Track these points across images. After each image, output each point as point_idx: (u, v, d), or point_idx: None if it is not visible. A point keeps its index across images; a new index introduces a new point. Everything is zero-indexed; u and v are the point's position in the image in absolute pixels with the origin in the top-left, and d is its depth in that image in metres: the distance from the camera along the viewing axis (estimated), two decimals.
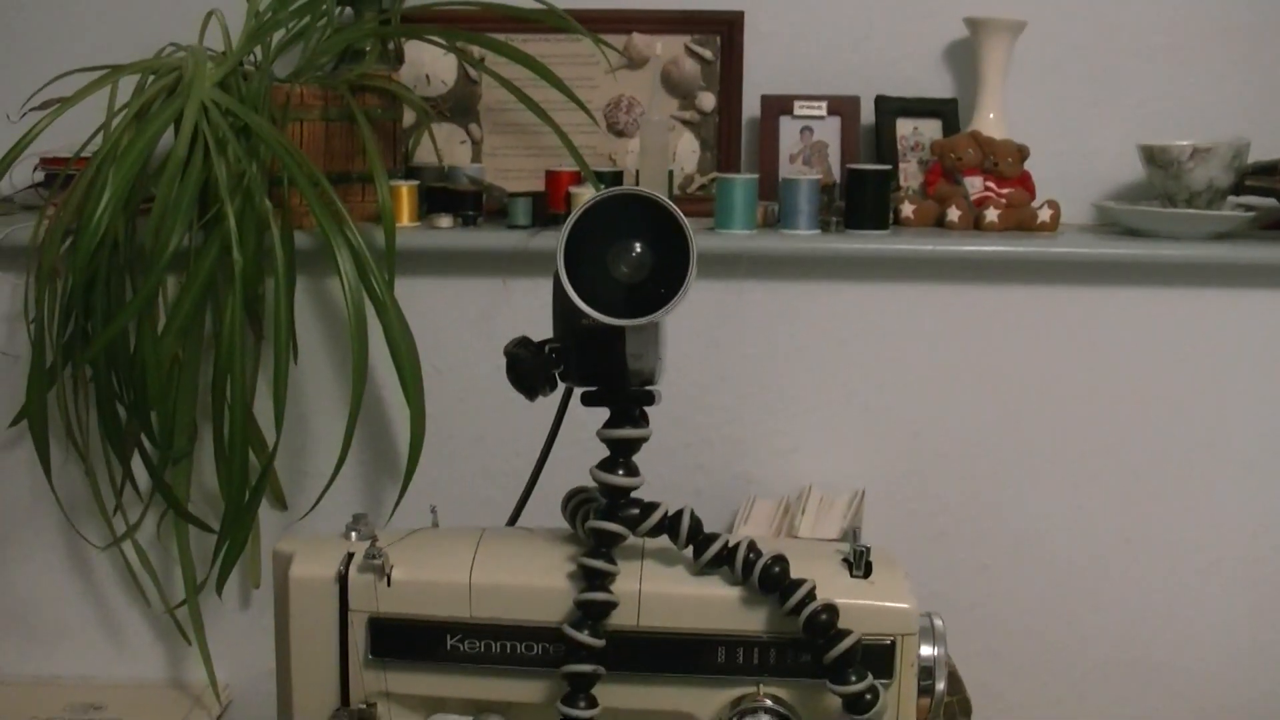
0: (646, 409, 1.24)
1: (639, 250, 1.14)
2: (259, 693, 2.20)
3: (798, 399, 2.12)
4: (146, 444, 1.98)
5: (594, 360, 1.21)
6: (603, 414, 1.23)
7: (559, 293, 1.17)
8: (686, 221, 1.13)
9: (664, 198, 1.14)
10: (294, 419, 2.10)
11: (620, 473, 1.23)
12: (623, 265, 1.15)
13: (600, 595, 1.21)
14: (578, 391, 1.26)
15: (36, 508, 2.18)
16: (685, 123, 2.21)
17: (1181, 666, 2.18)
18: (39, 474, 2.04)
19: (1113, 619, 2.17)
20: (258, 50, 2.04)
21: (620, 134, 2.21)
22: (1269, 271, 2.06)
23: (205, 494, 2.12)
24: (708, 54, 2.19)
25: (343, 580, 1.26)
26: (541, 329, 1.25)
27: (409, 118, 2.20)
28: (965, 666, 1.95)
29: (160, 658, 2.24)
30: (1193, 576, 2.16)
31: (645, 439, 1.23)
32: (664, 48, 2.19)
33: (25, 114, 1.97)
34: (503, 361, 1.23)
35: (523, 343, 1.23)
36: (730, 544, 1.24)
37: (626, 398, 1.22)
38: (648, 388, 1.23)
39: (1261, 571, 2.15)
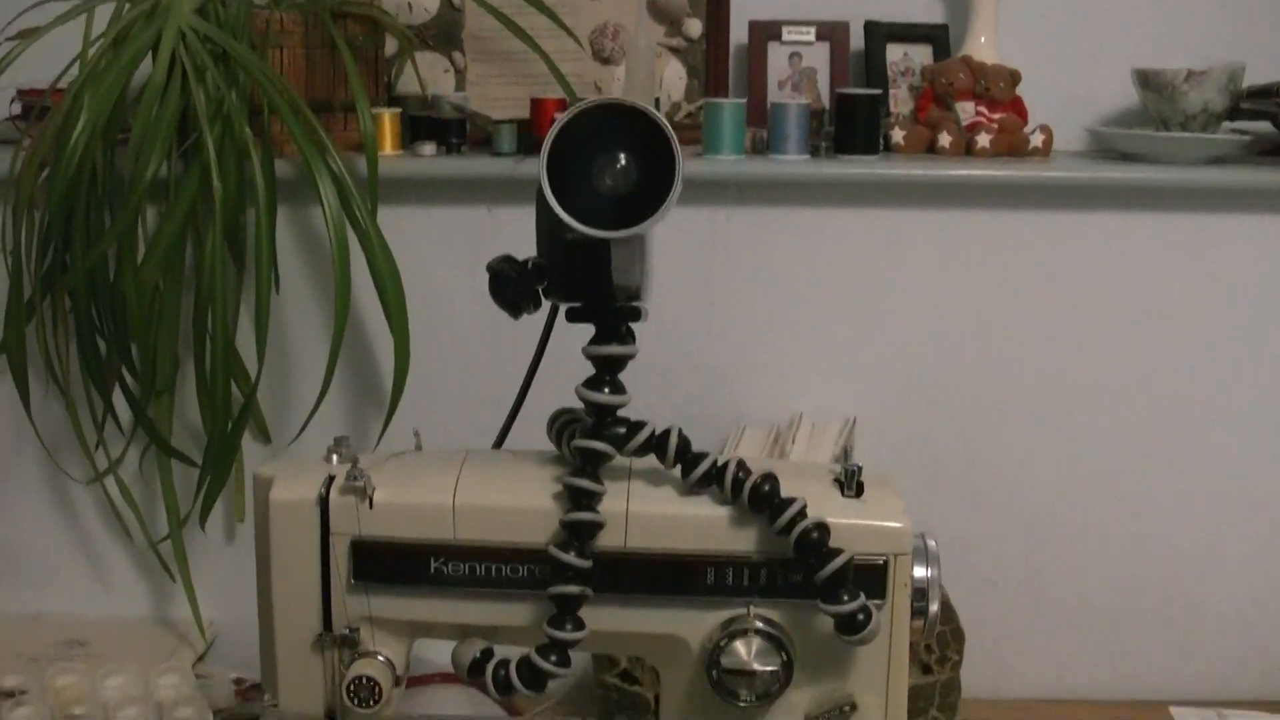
0: (633, 327, 1.22)
1: (623, 162, 1.12)
2: (244, 628, 2.14)
3: (787, 326, 2.10)
4: (128, 377, 1.96)
5: (579, 275, 1.19)
6: (589, 335, 1.21)
7: (542, 207, 1.15)
8: (671, 130, 1.11)
9: (648, 107, 1.11)
10: (277, 350, 2.08)
11: (606, 391, 1.21)
12: (607, 177, 1.13)
13: (586, 515, 1.20)
14: (563, 314, 1.24)
15: (17, 443, 2.16)
16: (672, 49, 2.17)
17: (1176, 596, 2.17)
18: (19, 408, 2.03)
19: (1107, 549, 2.16)
20: None
21: (606, 61, 2.18)
22: (1264, 195, 2.04)
23: (188, 427, 2.10)
24: None
25: (324, 503, 1.24)
26: (528, 256, 1.23)
27: (391, 46, 2.16)
28: (958, 596, 1.94)
29: (145, 594, 2.22)
30: (1188, 506, 2.14)
31: (631, 356, 1.22)
32: None
33: None
34: (488, 292, 1.22)
35: (506, 259, 1.21)
36: (719, 463, 1.22)
37: (612, 314, 1.20)
38: (634, 304, 1.21)
39: (1258, 500, 2.14)
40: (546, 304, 1.24)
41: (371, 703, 1.25)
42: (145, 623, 2.21)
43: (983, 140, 2.07)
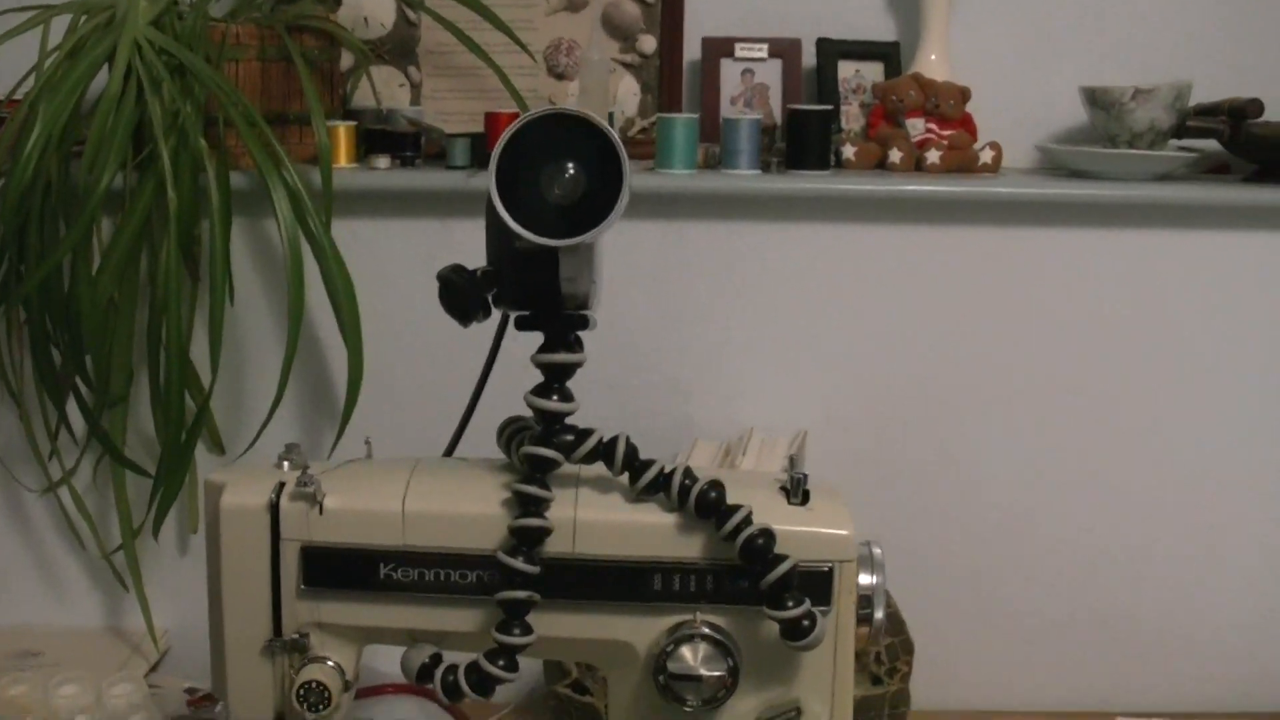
0: (584, 337, 1.24)
1: (572, 171, 1.13)
2: (197, 639, 2.13)
3: (740, 340, 2.11)
4: (82, 387, 1.96)
5: (528, 284, 1.20)
6: (539, 343, 1.23)
7: (492, 216, 1.16)
8: (619, 140, 1.12)
9: (596, 117, 1.13)
10: (231, 362, 2.08)
11: (554, 398, 1.22)
12: (556, 187, 1.13)
13: (534, 521, 1.21)
14: (513, 323, 1.25)
15: None
16: (626, 65, 2.19)
17: (1134, 614, 2.19)
18: None
19: (1062, 565, 2.18)
20: None
21: (560, 77, 2.20)
22: (1210, 212, 2.07)
23: (142, 438, 2.10)
24: None
25: (274, 509, 1.25)
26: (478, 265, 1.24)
27: (347, 60, 2.17)
28: (908, 608, 1.95)
29: (98, 604, 2.22)
30: (1144, 522, 2.16)
31: (580, 364, 1.23)
32: None
33: None
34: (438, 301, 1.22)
35: (455, 268, 1.22)
36: (666, 470, 1.23)
37: (561, 322, 1.21)
38: (583, 312, 1.22)
39: (1213, 515, 2.16)
40: (496, 313, 1.25)
41: (321, 707, 1.26)
42: (98, 633, 2.21)
43: (933, 157, 2.09)
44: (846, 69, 2.21)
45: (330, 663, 1.27)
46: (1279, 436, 2.15)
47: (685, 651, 1.22)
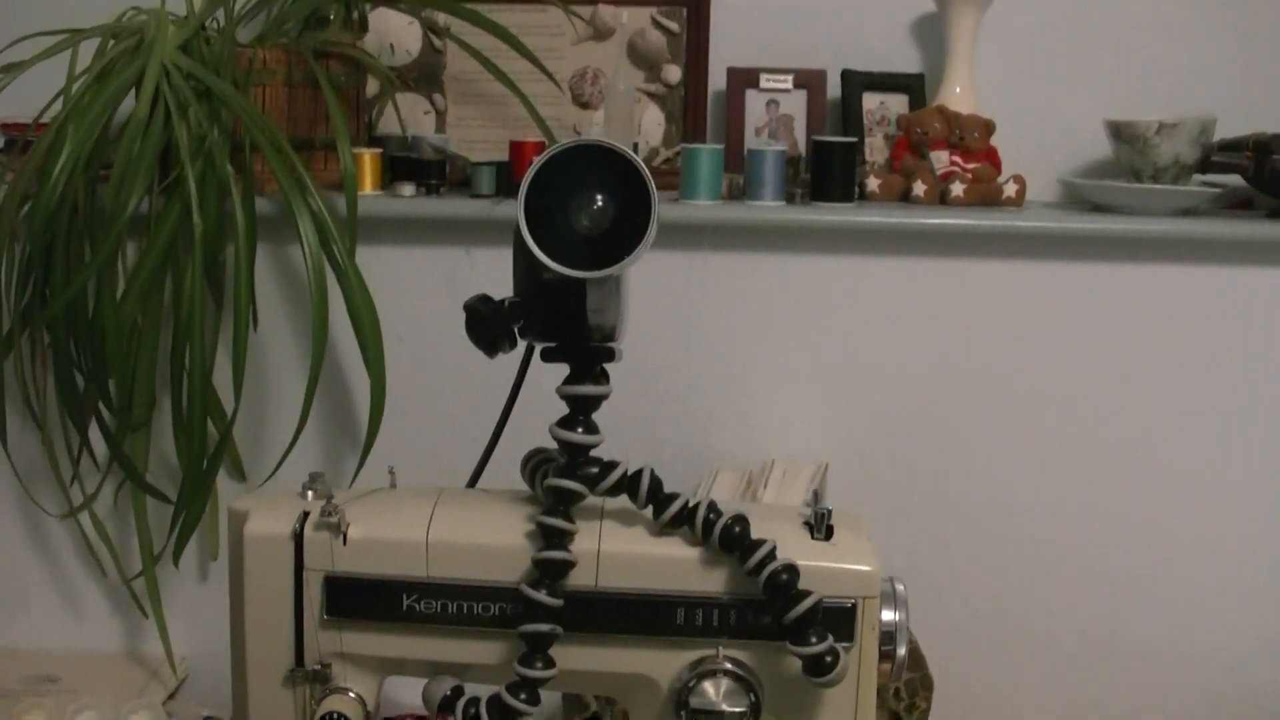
0: (608, 368, 1.23)
1: (600, 202, 1.13)
2: (216, 666, 2.16)
3: (762, 371, 2.11)
4: (104, 412, 1.97)
5: (554, 315, 1.20)
6: (564, 374, 1.22)
7: (519, 246, 1.15)
8: (647, 171, 1.11)
9: (625, 148, 1.12)
10: (254, 388, 2.09)
11: (580, 430, 1.22)
12: (584, 218, 1.13)
13: (558, 554, 1.20)
14: (539, 354, 1.24)
15: None
16: (651, 95, 2.19)
17: (1153, 644, 2.18)
18: None
19: (1082, 595, 2.17)
20: (220, 14, 2.02)
21: (585, 106, 2.20)
22: (1234, 247, 2.06)
23: (163, 463, 2.11)
24: (674, 26, 2.17)
25: (298, 538, 1.24)
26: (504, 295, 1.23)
27: (372, 87, 2.17)
28: (929, 643, 1.94)
29: (117, 630, 2.23)
30: (1161, 551, 2.16)
31: (605, 396, 1.22)
32: (630, 18, 2.17)
33: None
34: (464, 331, 1.22)
35: (483, 298, 1.22)
36: (690, 504, 1.23)
37: (587, 354, 1.21)
38: (609, 344, 1.22)
39: (1229, 545, 2.15)
40: (522, 343, 1.24)
41: None
42: (117, 658, 2.21)
43: (957, 189, 2.09)
44: (871, 100, 2.20)
45: (352, 693, 1.27)
46: None
47: (707, 686, 1.22)
